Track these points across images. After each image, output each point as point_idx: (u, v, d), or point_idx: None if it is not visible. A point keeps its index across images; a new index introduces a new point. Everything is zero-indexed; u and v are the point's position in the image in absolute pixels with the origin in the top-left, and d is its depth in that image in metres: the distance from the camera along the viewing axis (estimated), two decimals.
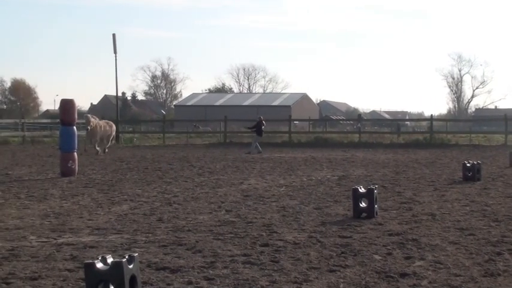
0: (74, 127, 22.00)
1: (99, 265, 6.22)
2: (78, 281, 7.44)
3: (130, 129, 74.43)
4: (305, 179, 19.64)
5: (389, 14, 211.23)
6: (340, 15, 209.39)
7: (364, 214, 11.92)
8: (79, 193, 16.27)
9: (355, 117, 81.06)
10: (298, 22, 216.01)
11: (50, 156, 30.65)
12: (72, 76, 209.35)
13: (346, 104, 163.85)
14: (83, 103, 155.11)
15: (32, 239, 10.14)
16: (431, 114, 56.23)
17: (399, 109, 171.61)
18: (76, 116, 22.13)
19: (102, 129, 34.11)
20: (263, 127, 37.28)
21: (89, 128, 32.81)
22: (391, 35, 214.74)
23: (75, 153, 21.67)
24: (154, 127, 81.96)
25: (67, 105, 21.63)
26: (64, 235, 10.49)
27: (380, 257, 8.58)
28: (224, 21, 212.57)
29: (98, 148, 33.63)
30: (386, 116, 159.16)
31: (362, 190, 12.02)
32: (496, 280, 7.40)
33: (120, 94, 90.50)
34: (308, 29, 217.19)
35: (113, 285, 6.14)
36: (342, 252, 8.87)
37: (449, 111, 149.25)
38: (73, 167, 21.22)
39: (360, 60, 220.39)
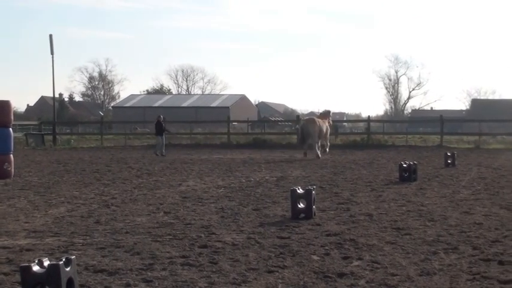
0: (10, 129, 21.67)
1: (36, 268, 6.15)
2: (15, 284, 7.35)
3: (68, 130, 73.85)
4: (244, 180, 19.67)
5: (326, 15, 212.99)
6: (277, 16, 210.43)
7: (302, 215, 11.98)
8: (15, 196, 16.03)
9: (294, 118, 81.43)
10: (236, 23, 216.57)
11: None
12: (8, 77, 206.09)
13: (285, 105, 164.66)
14: (19, 104, 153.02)
15: None
16: (369, 116, 56.71)
17: (337, 110, 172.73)
18: (12, 118, 21.80)
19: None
20: (163, 126, 36.05)
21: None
22: (328, 36, 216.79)
23: (11, 155, 21.36)
24: (92, 129, 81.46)
25: (3, 106, 21.26)
26: (0, 238, 10.35)
27: (318, 257, 8.64)
28: (162, 22, 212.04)
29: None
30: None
31: (300, 191, 12.09)
32: (431, 279, 7.51)
33: (57, 95, 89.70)
34: (246, 30, 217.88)
35: None
36: (281, 253, 8.91)
37: (386, 113, 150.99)
38: (9, 169, 20.92)
39: (298, 61, 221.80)
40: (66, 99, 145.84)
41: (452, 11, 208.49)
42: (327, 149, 31.90)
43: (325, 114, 33.28)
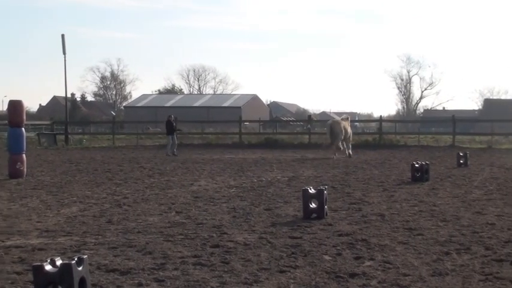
0: (23, 128, 21.75)
1: (48, 267, 6.17)
2: (27, 283, 7.37)
3: (80, 130, 74.03)
4: (255, 180, 19.66)
5: (339, 15, 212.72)
6: (289, 16, 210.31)
7: (314, 215, 11.97)
8: (27, 195, 16.08)
9: (305, 118, 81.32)
10: (248, 23, 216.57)
11: None
12: (21, 77, 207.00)
13: (296, 105, 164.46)
14: (31, 104, 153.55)
15: None
16: (381, 115, 56.58)
17: (348, 110, 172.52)
18: (24, 117, 21.86)
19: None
20: (174, 126, 36.23)
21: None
22: (340, 36, 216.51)
23: (24, 155, 21.42)
24: (104, 128, 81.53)
25: (15, 106, 21.35)
26: (12, 237, 10.36)
27: (330, 258, 8.63)
28: (174, 22, 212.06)
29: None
30: (336, 117, 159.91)
31: (312, 191, 12.07)
32: (444, 279, 7.49)
33: (69, 95, 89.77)
34: (258, 30, 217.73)
35: (62, 287, 6.09)
36: (292, 253, 8.91)
37: (398, 112, 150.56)
38: (21, 168, 20.98)
39: (310, 61, 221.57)
40: (78, 99, 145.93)
41: (464, 11, 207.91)
42: (350, 152, 31.96)
43: (345, 120, 33.45)
